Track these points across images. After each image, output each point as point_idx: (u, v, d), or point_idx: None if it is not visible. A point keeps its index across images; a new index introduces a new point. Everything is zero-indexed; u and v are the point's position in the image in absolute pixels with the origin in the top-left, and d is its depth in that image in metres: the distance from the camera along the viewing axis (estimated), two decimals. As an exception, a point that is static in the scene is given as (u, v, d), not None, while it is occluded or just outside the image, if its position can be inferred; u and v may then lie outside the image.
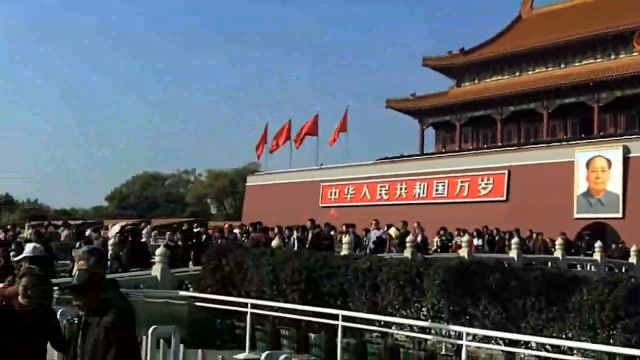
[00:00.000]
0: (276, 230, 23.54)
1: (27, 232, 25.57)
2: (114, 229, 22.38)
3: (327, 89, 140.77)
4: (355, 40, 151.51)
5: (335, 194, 47.68)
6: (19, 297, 6.14)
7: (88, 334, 4.86)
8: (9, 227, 27.50)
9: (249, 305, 14.59)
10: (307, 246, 21.42)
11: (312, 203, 46.07)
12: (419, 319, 12.96)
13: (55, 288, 7.92)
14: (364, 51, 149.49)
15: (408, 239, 21.74)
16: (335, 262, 14.85)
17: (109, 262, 18.59)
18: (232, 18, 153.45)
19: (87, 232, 22.33)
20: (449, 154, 52.81)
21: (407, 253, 20.69)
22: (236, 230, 24.98)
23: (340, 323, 12.76)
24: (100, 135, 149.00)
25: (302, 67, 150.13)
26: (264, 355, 7.57)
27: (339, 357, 12.43)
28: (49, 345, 6.17)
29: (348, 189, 47.09)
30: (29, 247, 8.20)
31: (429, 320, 12.71)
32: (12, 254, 14.92)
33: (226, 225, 28.38)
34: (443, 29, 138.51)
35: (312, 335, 14.35)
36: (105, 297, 4.97)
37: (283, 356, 7.14)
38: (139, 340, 7.13)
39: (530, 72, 54.75)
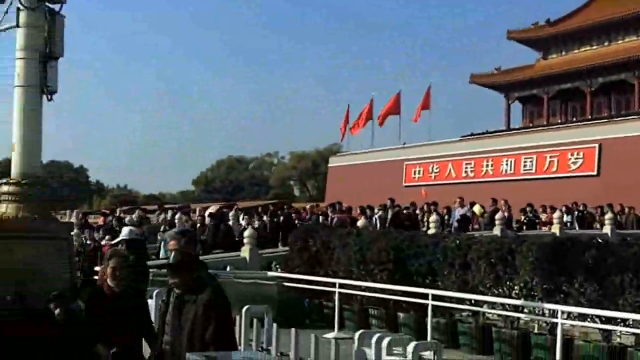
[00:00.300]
0: (359, 210, 23.53)
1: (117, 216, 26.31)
2: (209, 212, 22.83)
3: (410, 67, 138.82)
4: (437, 15, 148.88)
5: (419, 173, 47.19)
6: (108, 280, 6.23)
7: (184, 311, 4.93)
8: (107, 211, 28.28)
9: (336, 285, 14.63)
10: (387, 225, 21.41)
11: (395, 182, 45.73)
12: (510, 297, 12.69)
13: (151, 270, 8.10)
14: (447, 27, 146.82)
15: (497, 216, 21.36)
16: (423, 241, 14.68)
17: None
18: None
19: (177, 215, 22.79)
20: (536, 128, 51.46)
21: (497, 230, 20.31)
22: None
23: (430, 302, 12.63)
24: (186, 119, 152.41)
25: (384, 45, 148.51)
26: (357, 334, 7.53)
27: (429, 337, 12.30)
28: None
29: (432, 167, 46.51)
30: (125, 231, 8.38)
31: (522, 299, 12.42)
32: (107, 237, 15.43)
33: (308, 206, 28.41)
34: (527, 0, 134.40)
35: (401, 315, 14.28)
36: (200, 276, 5.04)
37: (377, 335, 7.05)
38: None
39: (620, 42, 52.68)
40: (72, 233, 10.38)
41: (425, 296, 12.90)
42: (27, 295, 7.18)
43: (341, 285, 14.64)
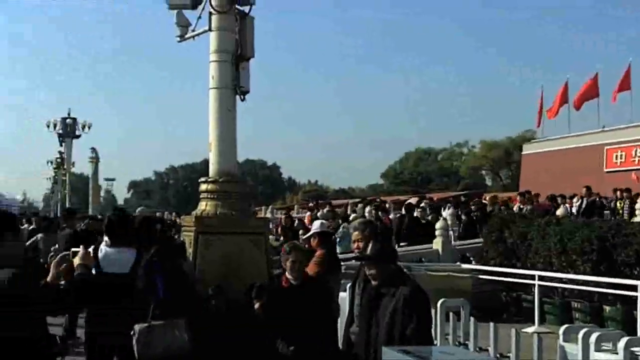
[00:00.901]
0: (559, 199, 22.53)
1: (312, 212, 26.98)
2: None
3: (606, 43, 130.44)
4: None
5: (621, 158, 44.33)
6: (287, 273, 6.25)
7: (382, 304, 4.84)
8: (312, 204, 28.95)
9: (535, 277, 14.03)
10: (579, 214, 20.32)
11: (596, 169, 43.29)
12: None
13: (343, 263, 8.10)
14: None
15: None
16: (631, 229, 13.69)
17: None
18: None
19: (367, 209, 22.93)
20: None
21: None
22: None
23: (639, 294, 11.76)
24: (370, 115, 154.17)
25: (577, 24, 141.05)
26: (562, 328, 7.09)
27: (639, 332, 11.43)
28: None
29: (636, 151, 43.53)
30: (316, 224, 8.46)
31: None
32: (300, 232, 15.80)
33: (488, 197, 27.48)
34: None
35: (607, 308, 13.42)
36: (399, 269, 4.94)
37: (584, 329, 6.58)
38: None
39: None
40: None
41: (634, 288, 12.02)
42: (228, 289, 7.44)
43: (540, 278, 14.01)
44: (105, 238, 6.05)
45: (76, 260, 3.91)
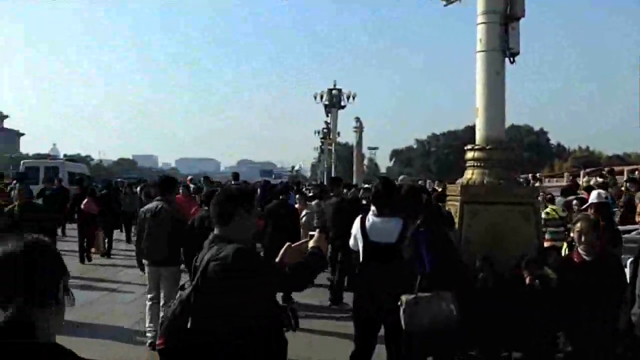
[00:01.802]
0: None
1: (582, 180, 25.44)
2: None
3: None
4: None
5: None
6: (578, 247, 5.82)
7: None
8: (604, 171, 27.37)
9: None
10: None
11: None
12: None
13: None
14: None
15: None
16: None
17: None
18: None
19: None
20: None
21: None
22: None
23: None
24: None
25: None
26: None
27: None
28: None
29: None
30: (593, 194, 7.90)
31: None
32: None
33: None
34: None
35: None
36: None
37: None
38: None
39: None
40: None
41: None
42: (493, 260, 7.17)
43: None
44: (373, 207, 6.04)
45: (310, 243, 3.87)
